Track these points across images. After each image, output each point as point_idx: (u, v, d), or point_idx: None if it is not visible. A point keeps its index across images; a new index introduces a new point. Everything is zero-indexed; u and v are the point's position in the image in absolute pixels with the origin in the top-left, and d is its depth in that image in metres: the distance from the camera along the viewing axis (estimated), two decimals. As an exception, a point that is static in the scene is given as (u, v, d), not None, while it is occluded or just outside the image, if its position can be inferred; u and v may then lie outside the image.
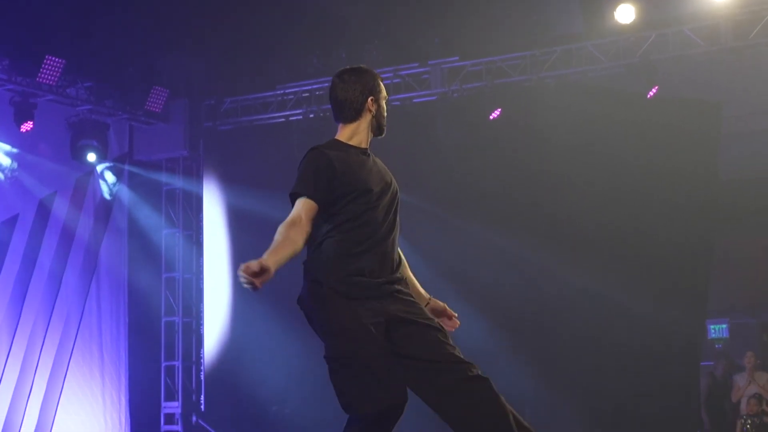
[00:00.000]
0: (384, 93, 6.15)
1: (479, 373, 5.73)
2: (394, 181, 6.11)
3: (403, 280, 6.00)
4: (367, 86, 6.08)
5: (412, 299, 5.95)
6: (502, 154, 16.38)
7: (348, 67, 6.19)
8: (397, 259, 6.00)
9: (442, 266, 15.56)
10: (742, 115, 16.89)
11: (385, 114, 6.16)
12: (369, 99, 6.07)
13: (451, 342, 5.83)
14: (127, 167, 18.18)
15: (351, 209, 5.88)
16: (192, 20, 15.96)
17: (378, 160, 6.13)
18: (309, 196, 5.81)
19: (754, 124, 17.63)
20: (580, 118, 15.77)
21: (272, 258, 5.55)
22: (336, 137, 6.11)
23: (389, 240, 5.95)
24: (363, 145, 6.06)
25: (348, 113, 6.07)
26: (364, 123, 6.10)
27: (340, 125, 6.12)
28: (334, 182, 5.83)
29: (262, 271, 5.45)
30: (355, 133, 6.09)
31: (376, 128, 6.15)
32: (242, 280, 5.44)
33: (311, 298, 5.84)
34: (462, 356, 5.78)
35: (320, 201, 5.79)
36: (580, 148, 15.73)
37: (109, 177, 17.87)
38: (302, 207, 5.78)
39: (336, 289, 5.79)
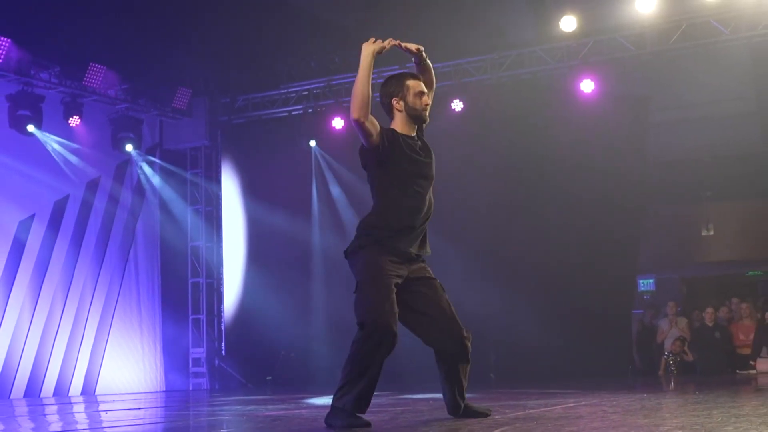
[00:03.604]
0: (413, 90, 6.47)
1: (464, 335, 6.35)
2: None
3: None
4: (388, 91, 6.50)
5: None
6: (466, 142, 16.49)
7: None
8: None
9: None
10: (665, 107, 17.09)
11: (418, 106, 6.47)
12: (392, 100, 6.48)
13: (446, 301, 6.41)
14: (158, 155, 18.53)
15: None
16: (211, 32, 16.25)
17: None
18: None
19: (676, 114, 17.87)
20: (531, 111, 16.11)
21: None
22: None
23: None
24: (410, 133, 6.47)
25: (388, 113, 6.54)
26: (398, 118, 6.49)
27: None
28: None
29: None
30: (399, 127, 6.46)
31: (414, 119, 6.50)
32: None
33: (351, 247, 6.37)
34: (459, 321, 6.37)
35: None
36: (531, 135, 16.01)
37: (145, 163, 18.16)
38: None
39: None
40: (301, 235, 17.89)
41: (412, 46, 6.40)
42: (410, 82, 6.44)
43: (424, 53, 6.46)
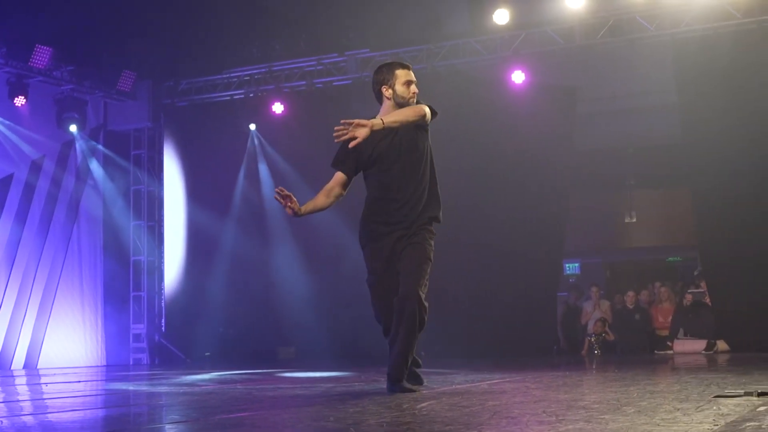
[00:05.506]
0: (402, 79, 6.63)
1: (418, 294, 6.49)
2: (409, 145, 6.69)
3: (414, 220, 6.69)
4: (379, 79, 6.70)
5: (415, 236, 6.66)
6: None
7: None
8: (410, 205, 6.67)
9: (336, 235, 15.74)
10: (592, 98, 17.18)
11: (407, 95, 6.61)
12: (382, 87, 6.63)
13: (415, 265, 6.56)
14: (102, 136, 18.30)
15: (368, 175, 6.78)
16: (155, 17, 16.06)
17: (404, 131, 6.64)
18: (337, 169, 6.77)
19: (602, 105, 17.99)
20: (464, 100, 16.05)
21: (310, 205, 6.59)
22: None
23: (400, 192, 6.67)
24: None
25: (378, 100, 6.75)
26: (387, 105, 6.63)
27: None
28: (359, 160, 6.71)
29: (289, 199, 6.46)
30: (385, 113, 6.56)
31: (400, 107, 6.59)
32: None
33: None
34: (413, 279, 6.49)
35: (346, 173, 6.73)
36: (464, 124, 15.83)
37: (88, 144, 17.92)
38: (334, 176, 6.75)
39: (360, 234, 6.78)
40: (231, 215, 17.90)
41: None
42: (399, 71, 6.62)
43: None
